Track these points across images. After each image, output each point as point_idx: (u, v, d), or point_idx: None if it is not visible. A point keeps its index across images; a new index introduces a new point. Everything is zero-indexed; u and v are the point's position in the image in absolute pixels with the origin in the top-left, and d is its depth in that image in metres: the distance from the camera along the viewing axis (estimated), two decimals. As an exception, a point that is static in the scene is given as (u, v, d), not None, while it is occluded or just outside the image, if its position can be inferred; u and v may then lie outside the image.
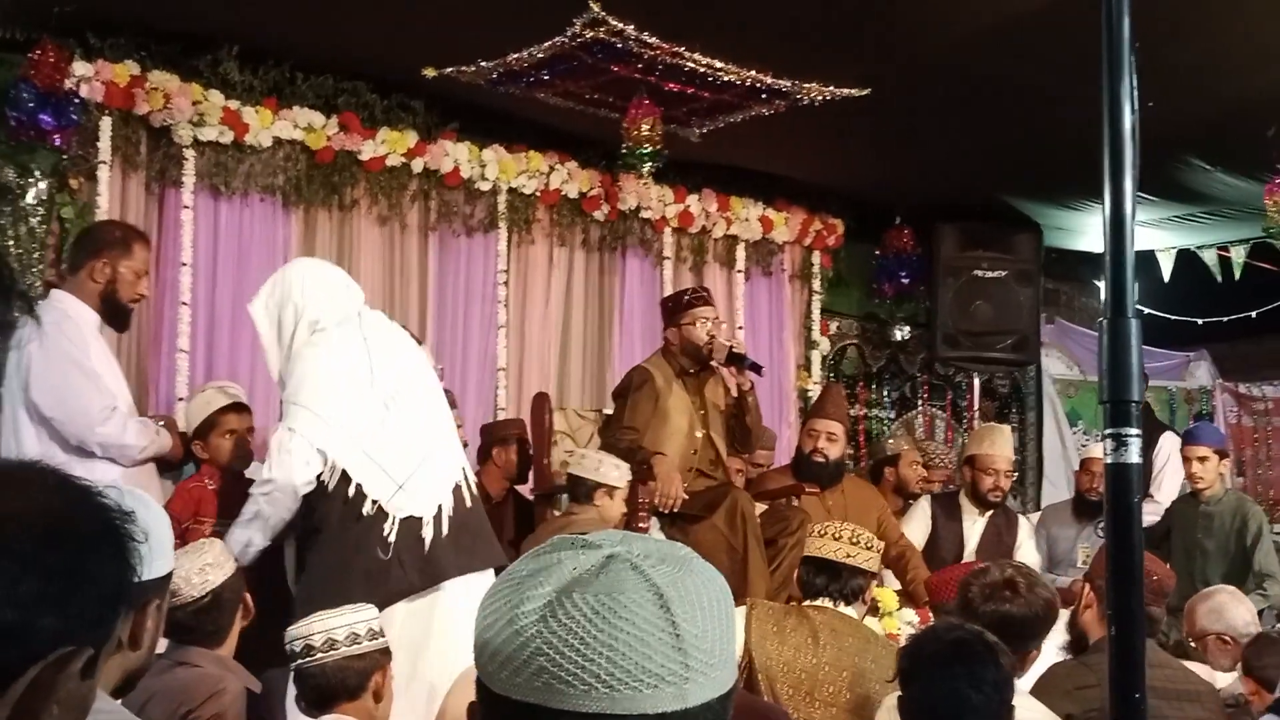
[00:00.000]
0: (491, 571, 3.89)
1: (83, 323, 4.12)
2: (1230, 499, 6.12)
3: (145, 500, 2.45)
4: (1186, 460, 6.17)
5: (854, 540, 3.79)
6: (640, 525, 5.12)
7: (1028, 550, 6.17)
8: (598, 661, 0.98)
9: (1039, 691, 3.37)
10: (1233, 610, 4.33)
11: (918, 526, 6.15)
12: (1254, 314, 9.07)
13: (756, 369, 5.52)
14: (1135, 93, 1.72)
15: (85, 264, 4.19)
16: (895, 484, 6.76)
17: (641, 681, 0.99)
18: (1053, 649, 3.75)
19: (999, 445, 6.27)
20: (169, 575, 2.43)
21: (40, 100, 5.38)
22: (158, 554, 2.36)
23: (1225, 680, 3.99)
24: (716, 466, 5.60)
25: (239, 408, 4.78)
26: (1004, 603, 3.29)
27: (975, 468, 6.17)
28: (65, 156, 5.60)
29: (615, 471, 4.90)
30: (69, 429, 3.93)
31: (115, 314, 4.24)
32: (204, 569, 3.15)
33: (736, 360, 5.42)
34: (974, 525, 6.15)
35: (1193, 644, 4.45)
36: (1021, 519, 6.34)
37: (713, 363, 5.51)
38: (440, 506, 3.90)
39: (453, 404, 5.55)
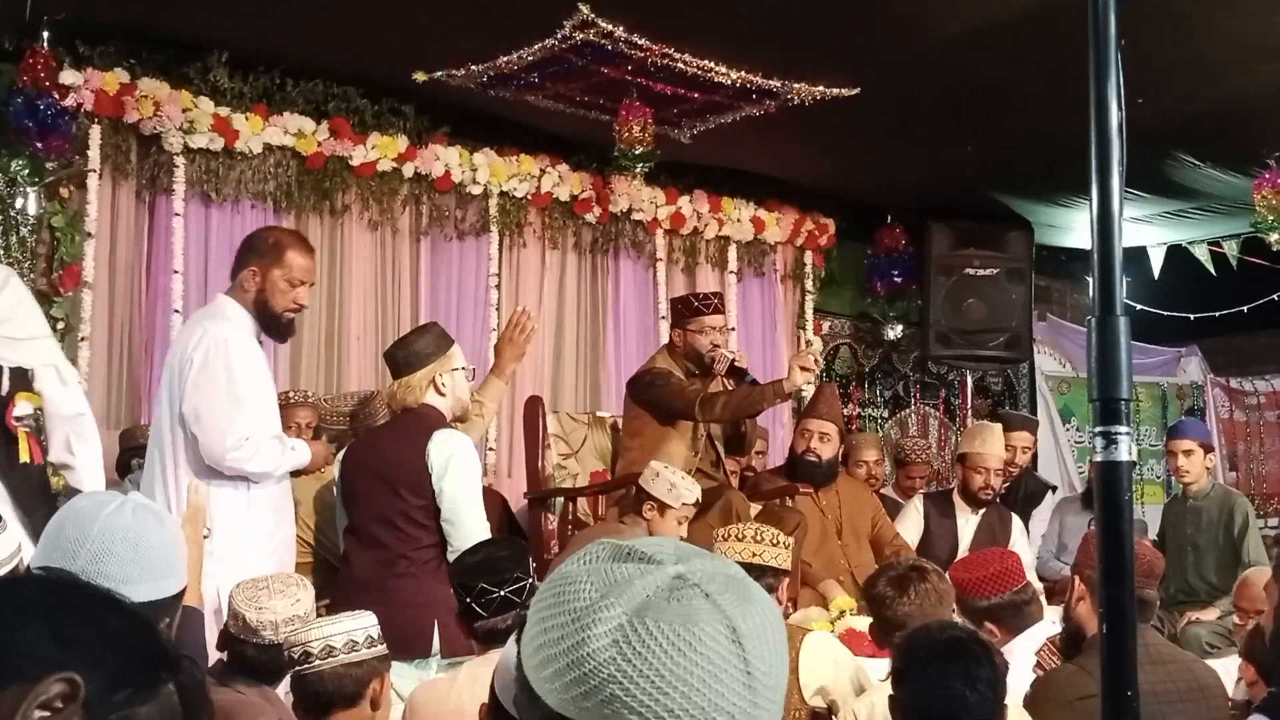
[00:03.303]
0: None
1: (244, 332, 4.05)
2: (1217, 493, 6.15)
3: (162, 517, 2.44)
4: (1171, 454, 6.21)
5: (758, 539, 3.76)
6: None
7: (1021, 549, 6.17)
8: (672, 695, 0.98)
9: (1038, 698, 3.34)
10: None
11: (911, 526, 6.15)
12: (1245, 309, 9.09)
13: (755, 385, 5.53)
14: (1121, 90, 1.73)
15: (239, 271, 4.07)
16: None
17: (713, 719, 0.99)
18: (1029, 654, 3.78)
19: (990, 444, 6.27)
20: (181, 593, 2.41)
21: (30, 109, 5.37)
22: (169, 573, 2.34)
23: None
24: (718, 468, 5.61)
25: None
26: (923, 581, 3.45)
27: (966, 466, 6.18)
28: (55, 165, 5.59)
29: (667, 489, 4.73)
30: (203, 448, 3.91)
31: (269, 324, 4.10)
32: (291, 620, 3.10)
33: (737, 374, 5.42)
34: (967, 523, 6.16)
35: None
36: (1014, 517, 6.34)
37: (713, 372, 5.51)
38: None
39: None
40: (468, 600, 3.12)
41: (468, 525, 4.12)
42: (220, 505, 3.90)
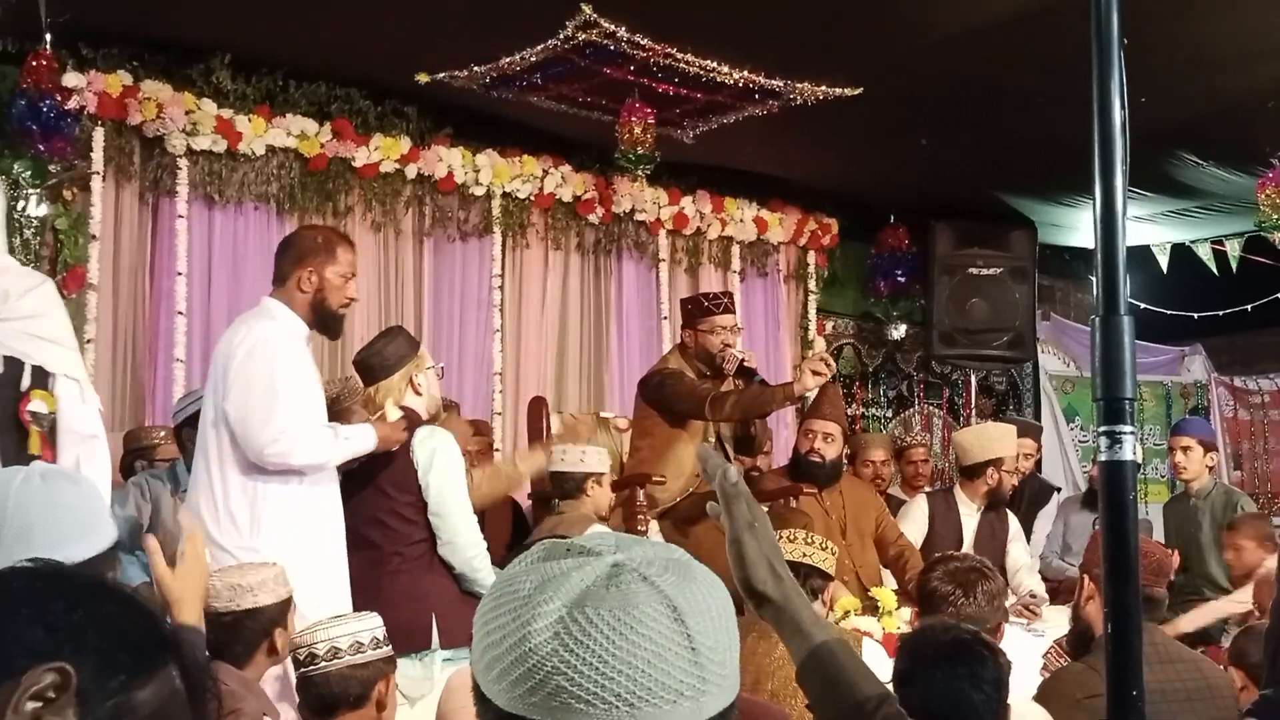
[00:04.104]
0: None
1: (291, 335, 4.01)
2: (1219, 492, 6.17)
3: (73, 477, 2.43)
4: (1171, 450, 6.25)
5: (809, 541, 3.80)
6: (639, 528, 5.12)
7: (1020, 546, 6.23)
8: (618, 680, 0.97)
9: (1046, 696, 3.34)
10: None
11: (915, 525, 6.14)
12: (1249, 308, 9.09)
13: (765, 386, 5.53)
14: (1124, 89, 1.72)
15: (291, 274, 4.02)
16: None
17: (661, 698, 0.98)
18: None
19: (1014, 444, 6.36)
20: (115, 546, 2.41)
21: (33, 111, 5.37)
22: (94, 529, 2.33)
23: None
24: (727, 469, 5.60)
25: None
26: (986, 580, 3.40)
27: (1003, 469, 6.19)
28: (58, 167, 5.60)
29: (598, 458, 4.92)
30: (244, 445, 3.86)
31: (326, 322, 4.09)
32: (234, 588, 3.11)
33: (746, 375, 5.42)
34: (971, 521, 6.17)
35: None
36: (1010, 515, 6.37)
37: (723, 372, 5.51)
38: None
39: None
40: None
41: (455, 518, 4.17)
42: (269, 506, 3.87)
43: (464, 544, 4.17)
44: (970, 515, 6.18)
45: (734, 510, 1.54)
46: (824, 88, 5.99)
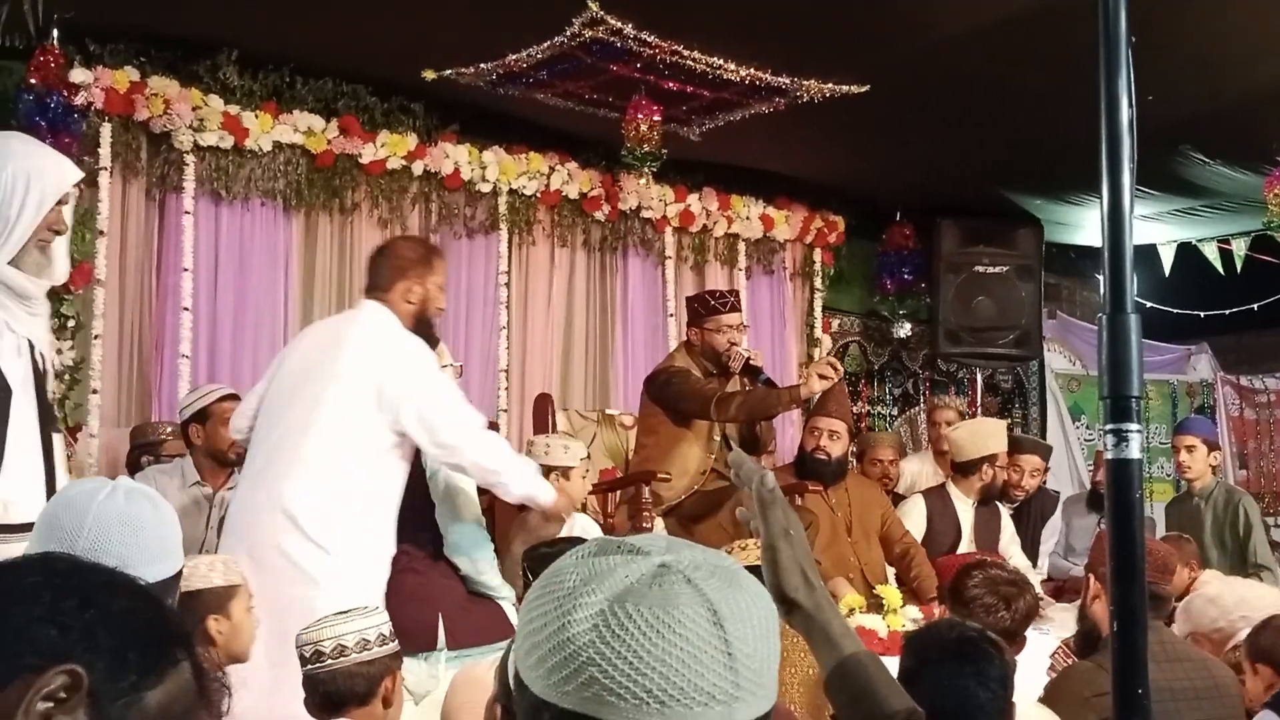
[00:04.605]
0: None
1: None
2: (1220, 491, 6.16)
3: (155, 500, 2.45)
4: (1175, 449, 6.25)
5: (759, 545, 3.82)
6: (644, 525, 5.12)
7: (1015, 548, 6.28)
8: (651, 677, 0.99)
9: (1054, 695, 3.34)
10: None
11: (914, 523, 6.15)
12: (1256, 306, 9.08)
13: (771, 386, 5.54)
14: (1132, 87, 1.72)
15: (394, 284, 4.09)
16: None
17: (693, 699, 0.99)
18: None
19: (1004, 439, 6.39)
20: (179, 574, 2.42)
21: (40, 107, 5.38)
22: (165, 555, 2.35)
23: None
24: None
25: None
26: (1024, 595, 3.39)
27: (995, 465, 6.22)
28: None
29: (564, 452, 4.87)
30: (442, 445, 3.89)
31: (425, 331, 4.15)
32: (216, 563, 3.14)
33: (751, 373, 5.43)
34: (968, 516, 6.19)
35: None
36: (1004, 513, 6.39)
37: (729, 371, 5.51)
38: None
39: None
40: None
41: (460, 519, 4.17)
42: (371, 515, 3.88)
43: (468, 545, 4.17)
44: (966, 510, 6.21)
45: (769, 516, 1.55)
46: (831, 85, 5.98)
